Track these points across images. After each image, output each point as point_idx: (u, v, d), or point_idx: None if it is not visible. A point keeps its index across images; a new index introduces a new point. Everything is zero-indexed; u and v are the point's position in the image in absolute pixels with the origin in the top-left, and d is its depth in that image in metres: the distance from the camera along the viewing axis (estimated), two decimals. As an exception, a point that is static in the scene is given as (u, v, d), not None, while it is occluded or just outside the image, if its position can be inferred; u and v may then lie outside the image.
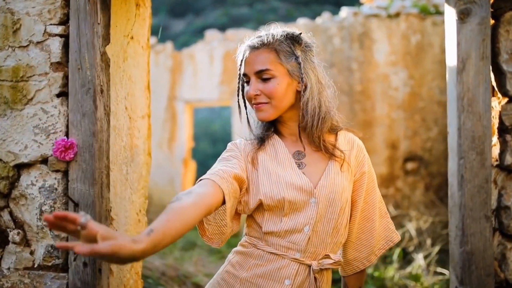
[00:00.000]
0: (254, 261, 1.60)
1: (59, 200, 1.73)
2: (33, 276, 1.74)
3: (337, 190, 1.59)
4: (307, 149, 1.64)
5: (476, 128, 1.48)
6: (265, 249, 1.59)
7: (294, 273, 1.56)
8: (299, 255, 1.57)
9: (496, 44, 1.51)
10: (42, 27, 1.75)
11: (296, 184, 1.57)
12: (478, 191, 1.48)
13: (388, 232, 1.74)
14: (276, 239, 1.58)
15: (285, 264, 1.57)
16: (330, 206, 1.58)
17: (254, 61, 1.58)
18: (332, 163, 1.62)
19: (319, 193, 1.57)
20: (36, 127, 1.75)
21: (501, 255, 1.51)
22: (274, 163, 1.61)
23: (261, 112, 1.59)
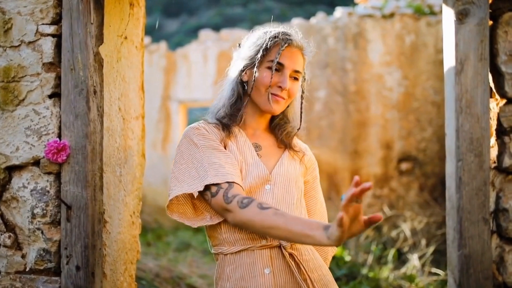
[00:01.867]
0: (228, 268, 1.60)
1: (51, 203, 1.70)
2: (25, 280, 1.71)
3: (291, 179, 1.66)
4: (263, 144, 1.72)
5: (474, 130, 1.46)
6: (231, 250, 1.60)
7: (269, 259, 1.57)
8: (265, 241, 1.58)
9: (494, 45, 1.50)
10: (34, 26, 1.72)
11: (254, 173, 1.61)
12: (476, 194, 1.46)
13: None
14: (236, 235, 1.59)
15: (256, 255, 1.57)
16: (286, 193, 1.63)
17: (295, 59, 1.66)
18: (285, 156, 1.71)
19: (274, 180, 1.63)
20: (28, 129, 1.72)
21: (499, 258, 1.49)
22: (237, 153, 1.65)
23: (278, 105, 1.66)
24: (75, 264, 1.68)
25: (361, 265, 5.26)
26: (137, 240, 2.32)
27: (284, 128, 1.75)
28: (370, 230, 6.00)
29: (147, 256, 5.12)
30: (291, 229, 1.41)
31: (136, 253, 2.34)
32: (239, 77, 1.70)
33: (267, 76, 1.63)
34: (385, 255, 5.45)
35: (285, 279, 1.57)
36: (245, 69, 1.68)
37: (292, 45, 1.65)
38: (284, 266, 1.58)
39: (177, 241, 6.47)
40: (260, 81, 1.64)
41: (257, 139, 1.73)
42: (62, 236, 1.68)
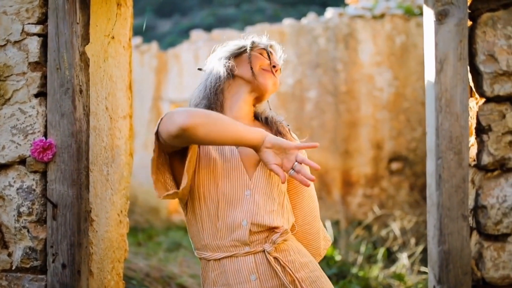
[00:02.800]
0: (213, 273, 1.60)
1: (38, 201, 1.71)
2: (11, 278, 1.72)
3: (273, 183, 1.62)
4: None
5: (454, 129, 1.49)
6: (215, 257, 1.59)
7: (254, 266, 1.56)
8: (248, 248, 1.57)
9: (473, 45, 1.52)
10: (19, 26, 1.73)
11: (233, 176, 1.59)
12: (456, 191, 1.49)
13: (324, 232, 1.84)
14: (218, 241, 1.58)
15: (241, 262, 1.56)
16: (267, 198, 1.60)
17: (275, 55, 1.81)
18: None
19: (255, 185, 1.60)
20: (14, 128, 1.73)
21: (478, 254, 1.52)
22: (218, 154, 1.64)
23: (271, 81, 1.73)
24: (61, 262, 1.69)
25: (351, 264, 5.29)
26: (124, 239, 2.33)
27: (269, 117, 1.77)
28: (360, 229, 6.04)
29: (137, 256, 5.13)
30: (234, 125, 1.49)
31: (124, 252, 2.35)
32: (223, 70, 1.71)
33: (261, 58, 1.74)
34: (374, 254, 5.49)
35: (272, 283, 1.57)
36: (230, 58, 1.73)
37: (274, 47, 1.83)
38: (270, 271, 1.57)
39: (168, 241, 6.48)
40: (256, 61, 1.72)
41: None
42: (48, 235, 1.69)
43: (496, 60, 1.49)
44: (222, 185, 1.59)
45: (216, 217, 1.58)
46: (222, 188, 1.58)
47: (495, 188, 1.51)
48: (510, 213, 1.50)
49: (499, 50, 1.49)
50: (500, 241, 1.51)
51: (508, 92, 1.50)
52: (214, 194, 1.59)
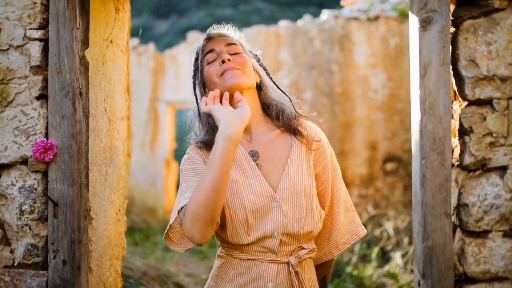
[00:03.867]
0: (233, 271, 1.62)
1: (39, 200, 1.78)
2: (13, 274, 1.79)
3: (298, 190, 1.61)
4: (261, 148, 1.67)
5: (437, 130, 1.56)
6: (241, 257, 1.61)
7: (275, 275, 1.59)
8: (275, 256, 1.60)
9: (456, 51, 1.60)
10: (22, 31, 1.80)
11: (257, 191, 1.59)
12: (439, 190, 1.56)
13: (353, 226, 1.76)
14: (248, 247, 1.60)
15: (264, 267, 1.59)
16: (295, 205, 1.60)
17: (219, 40, 1.69)
18: (292, 156, 1.65)
19: (281, 197, 1.60)
20: (16, 129, 1.80)
21: (461, 250, 1.59)
22: (234, 168, 1.62)
23: (236, 76, 1.62)
24: (62, 258, 1.75)
25: (346, 264, 5.37)
26: (122, 237, 2.40)
27: (281, 112, 1.70)
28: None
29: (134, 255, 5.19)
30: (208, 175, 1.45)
31: (122, 250, 2.42)
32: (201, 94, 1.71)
33: (209, 67, 1.67)
34: (369, 253, 5.56)
35: None
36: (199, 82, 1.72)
37: (211, 37, 1.72)
38: (287, 282, 1.60)
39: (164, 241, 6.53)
40: (209, 75, 1.66)
41: (254, 145, 1.68)
42: (49, 232, 1.76)
43: (477, 65, 1.57)
44: (249, 203, 1.58)
45: (246, 230, 1.59)
46: (249, 206, 1.58)
47: (476, 187, 1.59)
48: (491, 210, 1.57)
49: (480, 56, 1.57)
50: (481, 238, 1.59)
51: (488, 96, 1.57)
52: (242, 214, 1.58)
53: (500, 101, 1.57)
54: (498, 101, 1.57)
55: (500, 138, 1.57)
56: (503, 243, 1.57)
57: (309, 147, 1.68)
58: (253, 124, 1.68)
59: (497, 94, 1.57)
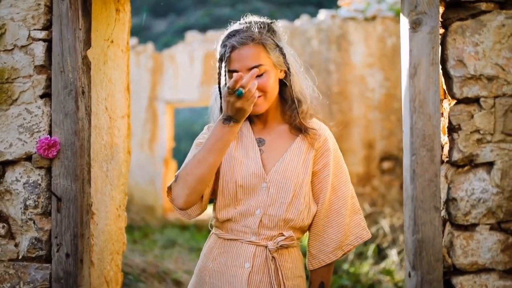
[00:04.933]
0: (217, 250, 1.73)
1: (43, 195, 1.84)
2: (18, 267, 1.85)
3: (289, 176, 1.68)
4: (269, 137, 1.75)
5: (427, 128, 1.63)
6: (224, 236, 1.72)
7: (252, 256, 1.67)
8: (254, 238, 1.68)
9: (445, 51, 1.66)
10: (26, 32, 1.85)
11: (250, 170, 1.69)
12: (428, 185, 1.63)
13: (358, 229, 1.78)
14: (232, 224, 1.70)
15: (243, 248, 1.68)
16: (282, 189, 1.68)
17: (245, 57, 1.62)
18: (293, 147, 1.71)
19: (271, 178, 1.68)
20: (20, 126, 1.85)
21: (450, 243, 1.66)
22: (238, 147, 1.73)
23: (257, 106, 1.64)
24: (65, 251, 1.81)
25: (342, 261, 5.43)
26: (123, 232, 2.46)
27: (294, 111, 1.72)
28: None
29: (133, 253, 5.25)
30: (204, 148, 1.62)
31: (122, 245, 2.48)
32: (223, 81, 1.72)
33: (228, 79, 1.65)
34: (365, 251, 5.63)
35: (261, 278, 1.66)
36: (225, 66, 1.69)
37: (236, 47, 1.63)
38: (263, 266, 1.67)
39: (163, 238, 6.60)
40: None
41: (264, 133, 1.75)
42: (53, 226, 1.82)
43: (465, 65, 1.64)
44: (240, 177, 1.68)
45: (234, 203, 1.70)
46: (240, 181, 1.68)
47: (464, 182, 1.65)
48: (478, 205, 1.63)
49: (467, 56, 1.63)
50: (469, 231, 1.65)
51: (475, 94, 1.64)
52: (233, 187, 1.69)
53: (487, 99, 1.63)
54: (485, 99, 1.63)
55: (487, 135, 1.64)
56: (490, 235, 1.64)
57: (312, 145, 1.73)
58: (269, 115, 1.75)
59: (484, 93, 1.63)
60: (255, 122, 1.78)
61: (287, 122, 1.76)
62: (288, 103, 1.74)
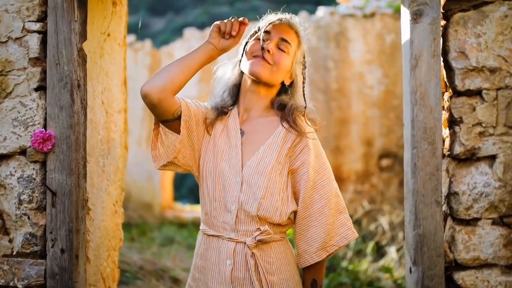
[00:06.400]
0: (203, 246, 1.74)
1: (37, 190, 1.81)
2: (12, 263, 1.82)
3: (261, 171, 1.66)
4: (248, 129, 1.75)
5: (428, 120, 1.60)
6: (208, 232, 1.72)
7: (232, 253, 1.66)
8: (234, 234, 1.67)
9: (446, 43, 1.64)
10: (20, 23, 1.82)
11: (231, 162, 1.69)
12: (430, 178, 1.60)
13: (344, 229, 1.72)
14: (213, 220, 1.70)
15: (224, 245, 1.67)
16: (253, 185, 1.65)
17: (283, 30, 1.73)
18: (265, 144, 1.69)
19: (243, 173, 1.68)
20: (15, 120, 1.82)
21: (451, 238, 1.63)
22: (223, 134, 1.75)
23: (260, 66, 1.68)
24: (60, 247, 1.78)
25: (341, 258, 5.41)
26: (119, 228, 2.43)
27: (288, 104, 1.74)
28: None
29: (131, 250, 5.22)
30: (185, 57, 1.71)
31: (119, 241, 2.46)
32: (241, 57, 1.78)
33: (254, 44, 1.73)
34: (364, 248, 5.60)
35: (244, 275, 1.65)
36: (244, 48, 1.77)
37: (283, 22, 1.74)
38: (244, 263, 1.65)
39: (161, 236, 6.57)
40: (248, 48, 1.73)
41: (245, 125, 1.75)
42: (48, 221, 1.79)
43: (467, 56, 1.61)
44: (220, 169, 1.69)
45: (214, 197, 1.70)
46: (220, 171, 1.69)
47: (466, 176, 1.63)
48: (480, 199, 1.61)
49: (469, 48, 1.61)
50: (471, 225, 1.63)
51: (477, 87, 1.61)
52: (214, 177, 1.70)
53: (489, 91, 1.61)
54: (487, 91, 1.61)
55: (489, 128, 1.61)
56: (492, 230, 1.61)
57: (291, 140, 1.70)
58: (253, 109, 1.77)
59: (486, 85, 1.61)
60: (241, 111, 1.78)
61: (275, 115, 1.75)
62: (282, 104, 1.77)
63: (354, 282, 4.79)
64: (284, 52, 1.71)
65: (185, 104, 1.72)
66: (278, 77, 1.73)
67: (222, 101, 1.79)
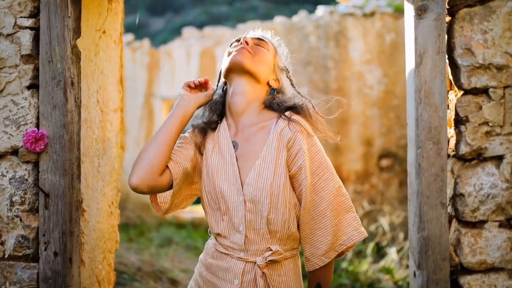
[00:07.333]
0: (210, 258, 1.70)
1: (30, 191, 1.75)
2: (4, 266, 1.76)
3: (261, 187, 1.58)
4: (242, 140, 1.67)
5: (433, 119, 1.55)
6: (217, 247, 1.68)
7: (241, 272, 1.60)
8: (243, 254, 1.62)
9: (452, 40, 1.58)
10: (12, 19, 1.77)
11: (230, 180, 1.62)
12: (435, 179, 1.55)
13: (350, 229, 1.64)
14: (222, 239, 1.66)
15: (233, 264, 1.62)
16: (258, 203, 1.58)
17: (256, 34, 1.77)
18: (260, 157, 1.61)
19: (245, 192, 1.60)
20: (6, 119, 1.77)
21: (457, 241, 1.58)
22: (215, 150, 1.70)
23: (241, 54, 1.66)
24: (53, 250, 1.73)
25: (341, 259, 5.36)
26: (115, 230, 2.37)
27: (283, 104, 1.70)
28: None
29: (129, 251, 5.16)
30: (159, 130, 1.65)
31: (115, 243, 2.40)
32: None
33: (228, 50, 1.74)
34: (364, 249, 5.56)
35: None
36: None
37: (255, 36, 1.76)
38: (253, 283, 1.60)
39: (159, 237, 6.51)
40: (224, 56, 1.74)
41: (238, 136, 1.68)
42: (40, 223, 1.73)
43: (473, 53, 1.55)
44: (219, 189, 1.64)
45: (221, 218, 1.65)
46: (220, 191, 1.63)
47: (472, 176, 1.57)
48: (487, 200, 1.56)
49: (475, 44, 1.55)
50: (477, 228, 1.57)
51: (484, 85, 1.56)
52: (216, 198, 1.65)
53: (496, 90, 1.56)
54: (494, 90, 1.56)
55: (496, 127, 1.56)
56: (499, 233, 1.56)
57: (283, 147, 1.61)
58: (243, 115, 1.69)
59: (493, 82, 1.56)
60: (230, 125, 1.71)
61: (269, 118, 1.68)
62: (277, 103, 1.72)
63: (354, 284, 4.75)
64: (263, 48, 1.72)
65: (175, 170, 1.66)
66: (260, 68, 1.68)
67: (204, 119, 1.75)
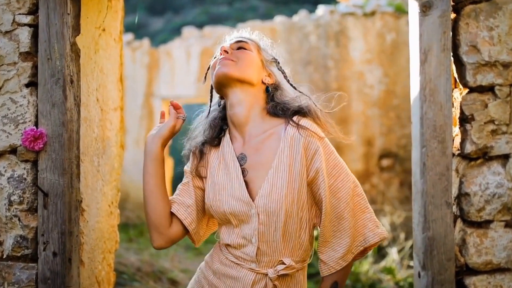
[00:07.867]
0: (219, 264, 1.66)
1: (28, 190, 1.73)
2: (2, 267, 1.74)
3: (276, 198, 1.54)
4: (249, 152, 1.63)
5: (438, 118, 1.52)
6: (227, 256, 1.65)
7: (251, 283, 1.57)
8: (255, 265, 1.59)
9: (457, 37, 1.56)
10: (10, 16, 1.74)
11: (236, 196, 1.59)
12: (440, 179, 1.52)
13: (365, 230, 1.60)
14: (233, 249, 1.63)
15: (243, 274, 1.59)
16: (272, 215, 1.55)
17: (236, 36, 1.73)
18: (273, 167, 1.57)
19: (258, 204, 1.56)
20: (4, 117, 1.74)
21: (462, 241, 1.56)
22: (221, 168, 1.67)
23: (224, 65, 1.62)
24: (52, 250, 1.70)
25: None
26: (115, 230, 2.35)
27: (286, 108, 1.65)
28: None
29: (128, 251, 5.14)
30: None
31: (115, 243, 2.38)
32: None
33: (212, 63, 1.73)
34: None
35: None
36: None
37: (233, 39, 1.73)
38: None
39: (159, 237, 6.48)
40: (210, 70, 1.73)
41: (246, 147, 1.64)
42: (39, 223, 1.71)
43: (478, 51, 1.53)
44: (227, 206, 1.60)
45: (232, 231, 1.63)
46: (228, 209, 1.60)
47: (478, 176, 1.55)
48: (492, 200, 1.53)
49: (481, 41, 1.53)
50: (483, 228, 1.55)
51: (490, 82, 1.53)
52: (224, 215, 1.62)
53: (502, 87, 1.53)
54: (500, 87, 1.53)
55: (502, 126, 1.53)
56: (505, 233, 1.54)
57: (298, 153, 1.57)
58: (248, 124, 1.65)
59: (499, 80, 1.53)
60: (235, 137, 1.67)
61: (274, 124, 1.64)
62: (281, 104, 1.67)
63: (355, 284, 4.72)
64: (244, 49, 1.68)
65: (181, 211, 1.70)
66: (248, 72, 1.63)
67: (205, 137, 1.73)
